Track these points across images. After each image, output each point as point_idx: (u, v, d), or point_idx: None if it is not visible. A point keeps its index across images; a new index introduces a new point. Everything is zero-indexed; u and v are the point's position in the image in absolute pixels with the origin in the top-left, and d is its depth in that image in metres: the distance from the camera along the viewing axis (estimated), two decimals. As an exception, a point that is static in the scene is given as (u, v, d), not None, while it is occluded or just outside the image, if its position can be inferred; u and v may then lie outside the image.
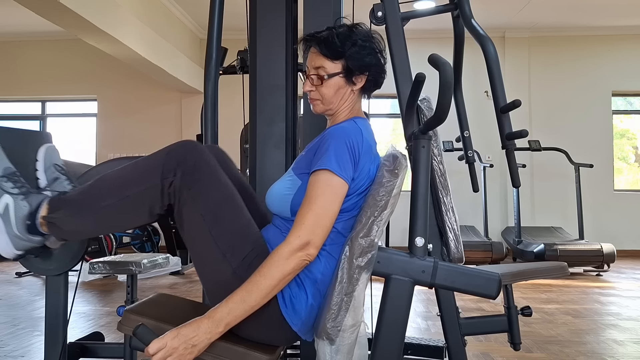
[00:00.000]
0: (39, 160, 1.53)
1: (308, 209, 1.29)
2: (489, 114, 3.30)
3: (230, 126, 4.85)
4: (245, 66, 3.10)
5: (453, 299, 1.94)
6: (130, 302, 2.38)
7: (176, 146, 1.37)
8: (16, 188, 1.40)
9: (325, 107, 1.50)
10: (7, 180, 1.40)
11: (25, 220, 1.39)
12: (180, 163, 1.33)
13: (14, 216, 1.38)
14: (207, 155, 1.38)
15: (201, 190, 1.33)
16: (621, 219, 7.61)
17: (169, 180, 1.33)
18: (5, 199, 1.38)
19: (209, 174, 1.35)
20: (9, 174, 1.41)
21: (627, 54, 7.79)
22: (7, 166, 1.42)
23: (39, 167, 1.52)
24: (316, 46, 1.48)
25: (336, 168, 1.31)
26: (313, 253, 1.28)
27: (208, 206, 1.33)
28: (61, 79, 8.13)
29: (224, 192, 1.37)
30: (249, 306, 1.24)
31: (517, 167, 1.97)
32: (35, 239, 1.42)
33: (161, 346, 1.18)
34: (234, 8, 3.53)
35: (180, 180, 1.33)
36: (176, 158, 1.34)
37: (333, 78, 1.47)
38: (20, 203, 1.39)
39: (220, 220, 1.34)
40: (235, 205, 1.38)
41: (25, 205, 1.40)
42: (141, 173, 1.36)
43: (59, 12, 4.61)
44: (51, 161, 1.54)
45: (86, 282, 5.13)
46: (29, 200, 1.41)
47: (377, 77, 1.50)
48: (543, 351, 2.94)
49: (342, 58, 1.45)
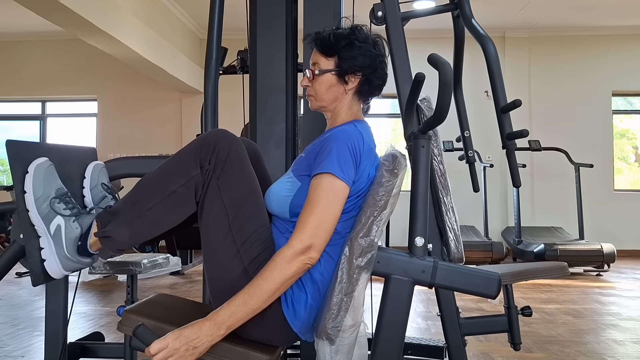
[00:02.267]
0: (86, 178, 1.53)
1: (310, 213, 1.29)
2: (489, 113, 3.30)
3: (231, 126, 4.82)
4: (246, 66, 3.11)
5: (453, 299, 1.94)
6: (130, 302, 2.38)
7: (211, 134, 1.37)
8: (68, 209, 1.39)
9: (318, 103, 1.52)
10: (60, 201, 1.38)
11: (76, 242, 1.39)
12: (215, 150, 1.33)
13: (64, 238, 1.38)
14: (241, 147, 1.38)
15: (229, 181, 1.33)
16: (621, 219, 7.61)
17: (205, 168, 1.33)
18: (57, 221, 1.37)
19: (239, 166, 1.35)
20: (60, 195, 1.39)
21: (627, 54, 7.79)
22: (60, 186, 1.40)
23: (85, 185, 1.52)
24: (313, 42, 1.51)
25: (338, 171, 1.31)
26: (315, 256, 1.28)
27: (233, 198, 1.33)
28: (61, 79, 8.13)
29: (250, 187, 1.37)
30: (251, 309, 1.24)
31: (518, 167, 1.97)
32: (84, 260, 1.42)
33: (162, 347, 1.18)
34: (234, 8, 3.53)
35: (212, 166, 1.33)
36: (211, 145, 1.34)
37: (325, 74, 1.48)
38: (71, 225, 1.39)
39: (242, 214, 1.34)
40: (258, 202, 1.39)
41: (77, 227, 1.39)
42: (181, 165, 1.36)
43: (59, 12, 4.61)
44: (98, 180, 1.54)
45: (86, 282, 5.13)
46: (80, 221, 1.40)
47: (372, 79, 1.49)
48: (543, 351, 2.94)
49: (335, 55, 1.47)
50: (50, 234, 1.37)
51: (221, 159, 1.33)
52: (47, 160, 1.40)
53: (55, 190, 1.39)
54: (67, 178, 1.47)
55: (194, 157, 1.35)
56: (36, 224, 1.37)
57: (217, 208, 1.33)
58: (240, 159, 1.36)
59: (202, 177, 1.34)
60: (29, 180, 1.36)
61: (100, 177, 1.55)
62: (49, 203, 1.37)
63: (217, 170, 1.33)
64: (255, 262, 1.33)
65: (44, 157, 1.41)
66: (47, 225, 1.36)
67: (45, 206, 1.37)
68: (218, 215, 1.33)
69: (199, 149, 1.35)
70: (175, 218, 1.39)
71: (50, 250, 1.37)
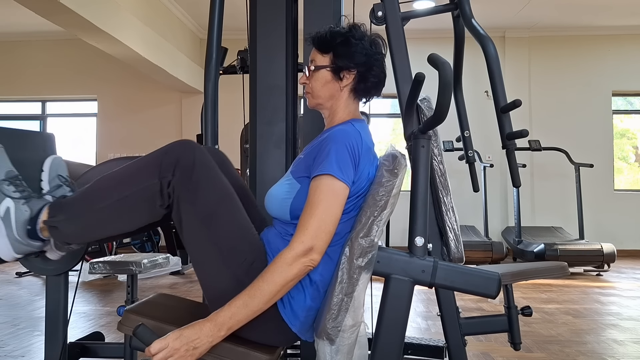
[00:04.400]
0: (44, 171, 1.53)
1: (311, 215, 1.29)
2: (489, 113, 3.30)
3: (230, 126, 4.85)
4: (246, 66, 3.10)
5: (453, 298, 1.94)
6: (130, 302, 2.38)
7: (175, 145, 1.36)
8: (18, 192, 1.40)
9: (315, 100, 1.53)
10: (9, 183, 1.39)
11: (25, 225, 1.39)
12: (179, 162, 1.32)
13: (14, 220, 1.38)
14: (206, 155, 1.37)
15: (199, 191, 1.32)
16: (621, 218, 7.60)
17: (167, 179, 1.32)
18: (7, 203, 1.38)
19: (208, 175, 1.34)
20: (11, 177, 1.40)
21: (627, 54, 7.79)
22: (10, 169, 1.42)
23: (43, 178, 1.52)
24: (311, 40, 1.53)
25: (338, 172, 1.31)
26: (316, 258, 1.28)
27: (206, 207, 1.32)
28: (61, 79, 8.13)
29: (222, 194, 1.36)
30: (252, 311, 1.24)
31: (518, 166, 1.97)
32: (35, 243, 1.42)
33: (163, 346, 1.18)
34: (234, 8, 3.53)
35: (178, 179, 1.31)
36: (175, 157, 1.33)
37: (320, 71, 1.49)
38: (21, 207, 1.39)
39: (218, 221, 1.33)
40: (233, 207, 1.38)
41: (27, 209, 1.40)
42: (139, 172, 1.35)
43: (59, 12, 4.61)
44: (56, 172, 1.54)
45: (86, 282, 5.13)
46: (30, 204, 1.41)
47: (367, 77, 1.49)
48: (543, 351, 2.94)
49: (331, 52, 1.48)
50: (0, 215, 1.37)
51: (187, 170, 1.32)
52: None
53: (5, 173, 1.40)
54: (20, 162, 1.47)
55: (154, 167, 1.33)
56: None
57: (193, 219, 1.33)
58: (207, 168, 1.35)
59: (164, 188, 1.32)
60: None
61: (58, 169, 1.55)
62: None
63: (185, 182, 1.32)
64: (244, 266, 1.33)
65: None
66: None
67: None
68: (194, 226, 1.33)
69: (160, 160, 1.34)
70: (123, 223, 1.39)
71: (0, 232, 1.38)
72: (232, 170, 1.59)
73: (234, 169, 1.61)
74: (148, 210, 1.36)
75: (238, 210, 1.39)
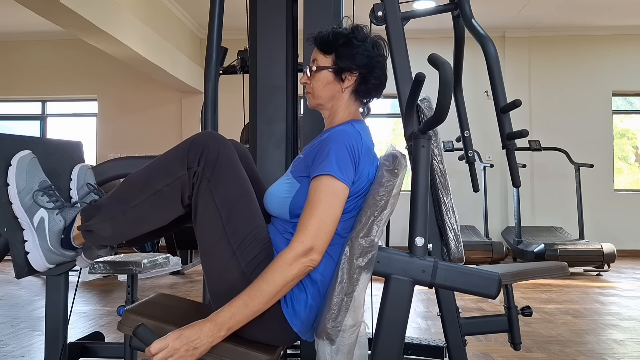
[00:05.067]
0: (72, 180, 1.53)
1: (311, 214, 1.29)
2: (489, 113, 3.30)
3: (231, 126, 4.85)
4: (246, 66, 3.10)
5: (453, 298, 1.94)
6: (130, 302, 2.38)
7: (200, 135, 1.37)
8: (51, 202, 1.40)
9: (315, 101, 1.53)
10: (43, 194, 1.39)
11: (59, 235, 1.40)
12: (204, 153, 1.33)
13: (48, 230, 1.38)
14: (231, 148, 1.38)
15: (220, 183, 1.33)
16: (621, 219, 7.60)
17: (194, 169, 1.33)
18: (41, 213, 1.38)
19: (230, 168, 1.35)
20: (44, 188, 1.40)
21: (627, 54, 7.79)
22: (43, 179, 1.41)
23: (72, 187, 1.53)
24: (313, 40, 1.52)
25: (337, 172, 1.31)
26: (317, 258, 1.28)
27: (225, 200, 1.33)
28: (61, 79, 8.13)
29: (242, 189, 1.37)
30: (252, 311, 1.24)
31: (518, 166, 1.97)
32: (68, 253, 1.42)
33: (163, 346, 1.18)
34: (234, 8, 3.53)
35: (202, 169, 1.32)
36: (200, 147, 1.34)
37: (322, 71, 1.49)
38: (55, 218, 1.39)
39: (236, 216, 1.34)
40: (251, 203, 1.39)
41: (60, 219, 1.40)
42: (169, 165, 1.36)
43: (59, 11, 4.61)
44: (84, 180, 1.55)
45: (86, 282, 5.13)
46: (64, 214, 1.41)
47: (368, 79, 1.49)
48: (543, 351, 2.94)
49: (333, 53, 1.48)
50: (34, 226, 1.37)
51: (211, 161, 1.33)
52: (30, 153, 1.41)
53: (38, 183, 1.40)
54: (52, 172, 1.47)
55: (182, 158, 1.34)
56: (19, 217, 1.37)
57: (210, 210, 1.33)
58: (231, 161, 1.36)
59: (190, 178, 1.33)
60: (12, 172, 1.37)
61: (86, 178, 1.56)
62: (32, 196, 1.38)
63: (208, 172, 1.33)
64: (253, 263, 1.33)
65: (27, 150, 1.41)
66: (30, 218, 1.37)
67: (29, 199, 1.37)
68: (211, 217, 1.33)
69: (187, 150, 1.34)
70: (159, 218, 1.39)
71: (34, 243, 1.38)
72: (253, 168, 1.60)
73: (254, 165, 1.62)
74: (180, 202, 1.36)
75: (255, 207, 1.39)
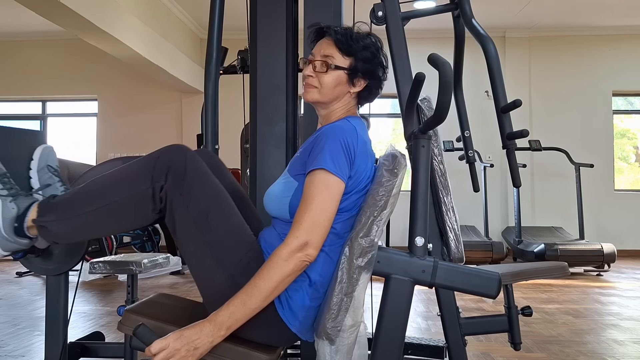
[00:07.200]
0: (33, 160, 1.53)
1: (305, 209, 1.29)
2: (489, 113, 3.30)
3: (231, 126, 4.85)
4: (246, 66, 3.11)
5: (453, 298, 1.94)
6: (130, 302, 2.38)
7: (166, 150, 1.36)
8: (5, 190, 1.40)
9: (320, 96, 1.47)
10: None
11: (12, 223, 1.39)
12: (171, 167, 1.32)
13: (1, 218, 1.38)
14: (198, 160, 1.37)
15: (192, 195, 1.32)
16: (621, 218, 7.60)
17: (160, 184, 1.32)
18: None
19: (200, 179, 1.35)
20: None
21: (627, 54, 7.79)
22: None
23: (32, 167, 1.52)
24: (334, 36, 1.46)
25: (331, 167, 1.31)
26: (312, 253, 1.27)
27: (200, 211, 1.33)
28: (61, 79, 8.13)
29: (214, 196, 1.36)
30: (250, 309, 1.24)
31: (518, 166, 1.97)
32: (22, 241, 1.42)
33: (163, 346, 1.18)
34: (234, 8, 3.53)
35: (171, 184, 1.32)
36: (167, 162, 1.33)
37: (338, 70, 1.45)
38: (8, 205, 1.39)
39: (213, 224, 1.33)
40: (226, 208, 1.38)
41: (14, 207, 1.40)
42: (131, 177, 1.36)
43: (59, 11, 4.61)
44: (46, 162, 1.54)
45: (86, 281, 5.13)
46: (18, 202, 1.41)
47: (374, 88, 1.50)
48: (543, 351, 2.94)
49: (353, 56, 1.45)
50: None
51: (179, 175, 1.32)
52: None
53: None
54: (9, 159, 1.47)
55: (146, 173, 1.34)
56: None
57: (187, 223, 1.33)
58: (199, 172, 1.35)
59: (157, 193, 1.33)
60: None
61: (48, 159, 1.55)
62: None
63: (177, 186, 1.32)
64: (240, 266, 1.33)
65: None
66: None
67: None
68: (189, 230, 1.33)
69: (152, 166, 1.34)
70: (111, 227, 1.40)
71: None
72: (225, 172, 1.59)
73: (227, 171, 1.61)
74: (139, 214, 1.36)
75: (231, 211, 1.39)
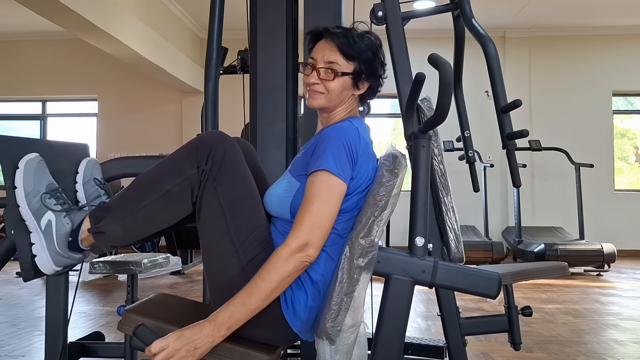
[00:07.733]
0: (79, 173, 1.53)
1: (306, 210, 1.29)
2: (489, 113, 3.30)
3: (231, 126, 4.82)
4: (246, 66, 3.10)
5: (453, 298, 1.94)
6: (130, 302, 2.38)
7: (208, 135, 1.39)
8: (59, 205, 1.40)
9: (326, 102, 1.46)
10: (50, 196, 1.39)
11: (67, 238, 1.40)
12: (212, 151, 1.35)
13: (55, 233, 1.38)
14: (237, 148, 1.39)
15: (225, 182, 1.34)
16: (622, 219, 7.60)
17: (202, 168, 1.34)
18: (48, 216, 1.38)
19: (236, 168, 1.36)
20: (51, 190, 1.40)
21: (627, 54, 7.79)
22: (50, 182, 1.41)
23: (78, 180, 1.53)
24: (335, 41, 1.44)
25: (334, 168, 1.31)
26: (313, 254, 1.28)
27: (229, 199, 1.34)
28: (61, 79, 8.13)
29: (247, 188, 1.38)
30: (250, 309, 1.24)
31: (518, 166, 1.97)
32: (75, 256, 1.43)
33: (164, 347, 1.18)
34: (234, 8, 3.53)
35: (209, 168, 1.34)
36: (208, 146, 1.35)
37: (344, 77, 1.44)
38: (62, 220, 1.39)
39: (239, 214, 1.34)
40: (255, 202, 1.39)
41: (68, 222, 1.40)
42: (177, 165, 1.37)
43: (59, 11, 4.61)
44: (91, 175, 1.54)
45: (86, 281, 5.13)
46: (71, 217, 1.41)
47: (376, 88, 1.51)
48: (543, 351, 2.94)
49: (357, 60, 1.45)
50: (41, 229, 1.37)
51: (218, 160, 1.34)
52: (37, 156, 1.41)
53: (46, 186, 1.40)
54: (58, 174, 1.47)
55: (191, 157, 1.36)
56: (27, 220, 1.37)
57: (215, 208, 1.34)
58: (236, 160, 1.37)
59: (198, 177, 1.35)
60: (19, 175, 1.36)
61: (93, 172, 1.56)
62: (39, 198, 1.38)
63: (214, 171, 1.34)
64: (254, 262, 1.33)
65: (34, 152, 1.41)
66: (37, 221, 1.37)
67: (36, 201, 1.37)
68: (215, 215, 1.34)
69: (195, 150, 1.36)
70: (169, 217, 1.40)
71: (41, 246, 1.38)
72: (257, 165, 1.60)
73: (259, 164, 1.63)
74: (190, 200, 1.37)
75: (259, 207, 1.40)
